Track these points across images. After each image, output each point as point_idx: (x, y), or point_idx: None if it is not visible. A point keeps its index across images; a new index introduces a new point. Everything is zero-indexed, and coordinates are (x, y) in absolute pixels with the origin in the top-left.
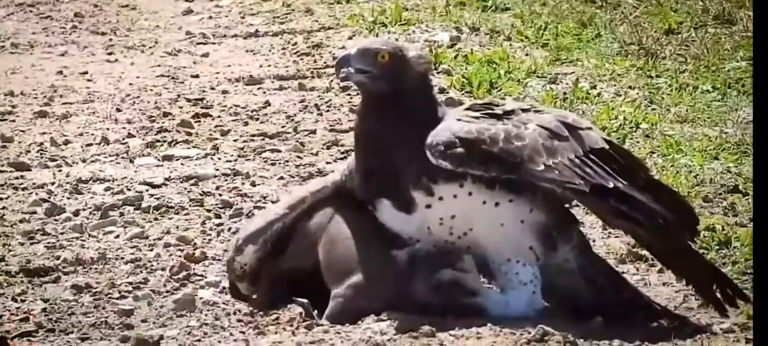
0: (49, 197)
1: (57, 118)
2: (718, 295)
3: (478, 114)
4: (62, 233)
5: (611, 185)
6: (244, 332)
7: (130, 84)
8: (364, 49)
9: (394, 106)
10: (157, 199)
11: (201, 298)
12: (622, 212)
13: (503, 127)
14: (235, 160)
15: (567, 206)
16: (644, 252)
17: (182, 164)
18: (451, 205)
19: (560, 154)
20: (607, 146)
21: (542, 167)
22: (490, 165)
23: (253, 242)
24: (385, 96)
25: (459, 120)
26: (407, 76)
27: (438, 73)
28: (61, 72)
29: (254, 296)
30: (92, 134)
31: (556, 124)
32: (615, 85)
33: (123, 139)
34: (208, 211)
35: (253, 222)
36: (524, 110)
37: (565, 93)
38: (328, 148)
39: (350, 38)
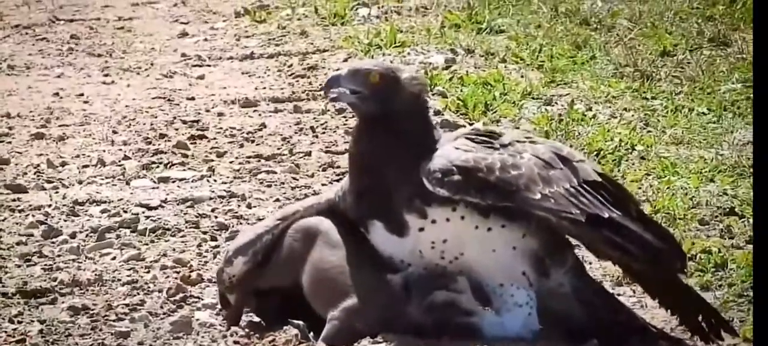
0: (46, 219)
1: (53, 140)
2: (704, 327)
3: (474, 143)
4: (59, 255)
5: (606, 215)
6: None
7: (126, 106)
8: (355, 69)
9: (387, 128)
10: (154, 221)
11: (198, 320)
12: (616, 242)
13: (499, 156)
14: (231, 182)
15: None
16: None
17: (178, 186)
18: (443, 228)
19: (556, 184)
20: (600, 179)
21: (538, 196)
22: (487, 193)
23: (242, 254)
24: (378, 117)
25: (457, 149)
26: (400, 98)
27: (433, 94)
28: (57, 94)
29: (244, 308)
30: (88, 156)
31: (550, 155)
32: (610, 107)
33: (119, 161)
34: (204, 233)
35: (244, 234)
36: (519, 141)
37: (560, 115)
38: (324, 170)
39: (345, 60)
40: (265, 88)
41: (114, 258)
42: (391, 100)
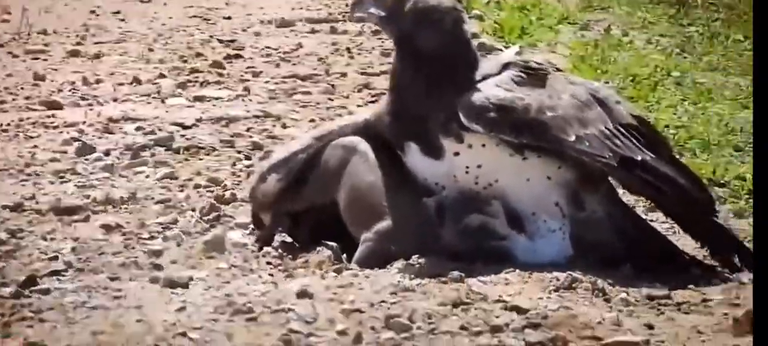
0: (80, 136)
1: (89, 58)
2: (737, 261)
3: (516, 84)
4: (92, 173)
5: (639, 158)
6: (272, 275)
7: (163, 24)
8: None
9: (419, 51)
10: (188, 139)
11: (230, 239)
12: (649, 181)
13: (538, 96)
14: (266, 102)
15: None
16: None
17: (213, 105)
18: (479, 153)
19: (591, 126)
20: (634, 121)
21: (573, 138)
22: (522, 132)
23: (276, 172)
24: (405, 39)
25: (497, 86)
26: (422, 21)
27: (470, 17)
28: (93, 11)
29: (277, 229)
30: (124, 74)
31: (587, 97)
32: (647, 33)
33: (155, 79)
34: (239, 152)
35: (278, 152)
36: (559, 82)
37: (596, 40)
38: (359, 91)
39: None
40: (301, 8)
41: (148, 176)
42: (410, 22)
